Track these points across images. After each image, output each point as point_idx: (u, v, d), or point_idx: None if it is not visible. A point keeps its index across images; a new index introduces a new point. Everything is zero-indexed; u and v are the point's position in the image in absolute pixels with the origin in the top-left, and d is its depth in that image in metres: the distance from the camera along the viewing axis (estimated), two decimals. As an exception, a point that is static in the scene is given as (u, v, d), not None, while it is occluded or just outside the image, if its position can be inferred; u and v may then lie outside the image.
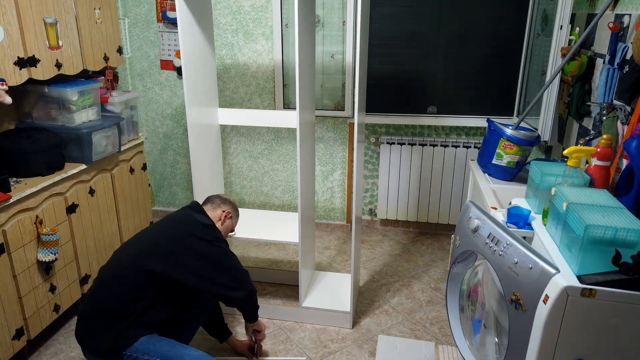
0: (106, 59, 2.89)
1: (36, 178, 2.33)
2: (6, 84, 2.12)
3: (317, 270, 3.09)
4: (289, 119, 2.64)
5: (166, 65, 3.55)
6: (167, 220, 2.07)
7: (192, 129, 2.45)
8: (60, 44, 2.48)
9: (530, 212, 1.75)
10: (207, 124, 2.62)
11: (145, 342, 1.84)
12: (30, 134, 2.44)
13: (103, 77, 2.87)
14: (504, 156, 2.41)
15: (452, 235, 2.12)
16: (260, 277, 3.03)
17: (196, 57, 2.45)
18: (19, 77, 2.24)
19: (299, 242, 2.50)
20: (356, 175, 2.41)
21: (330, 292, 2.76)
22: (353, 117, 3.41)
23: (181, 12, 2.26)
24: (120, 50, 3.03)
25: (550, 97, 2.60)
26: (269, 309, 2.68)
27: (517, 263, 1.43)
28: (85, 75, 2.80)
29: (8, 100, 2.12)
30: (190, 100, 2.40)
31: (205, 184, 2.64)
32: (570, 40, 2.54)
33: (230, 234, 2.30)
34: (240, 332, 2.55)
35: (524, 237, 1.68)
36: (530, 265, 1.38)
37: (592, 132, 2.33)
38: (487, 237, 1.61)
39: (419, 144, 3.39)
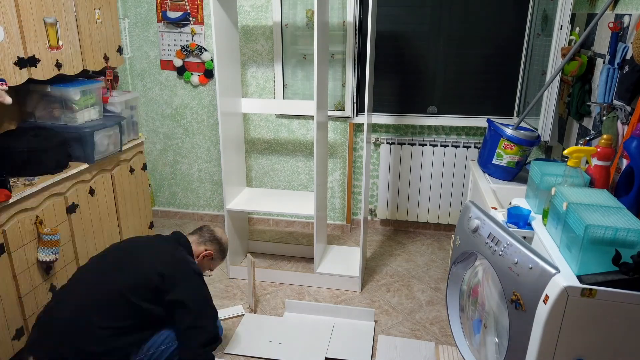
0: (106, 59, 2.89)
1: (45, 176, 2.33)
2: (6, 84, 2.12)
3: (328, 245, 3.35)
4: (307, 107, 3.02)
5: (166, 65, 3.55)
6: (148, 250, 1.98)
7: (222, 117, 2.81)
8: (60, 44, 2.48)
9: (530, 212, 1.75)
10: (233, 112, 2.98)
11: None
12: (36, 132, 2.43)
13: (103, 77, 2.87)
14: (504, 156, 2.41)
15: (452, 235, 2.12)
16: (276, 251, 3.37)
17: (226, 52, 2.82)
18: (19, 77, 2.24)
19: (315, 215, 2.83)
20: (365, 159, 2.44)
21: (341, 261, 3.09)
22: (353, 117, 3.42)
23: (215, 11, 2.62)
24: (120, 50, 3.03)
25: (550, 97, 2.60)
26: (285, 275, 2.99)
27: (517, 263, 1.43)
28: (85, 76, 2.80)
29: (8, 100, 2.12)
30: (221, 91, 2.78)
31: (232, 164, 3.02)
32: (570, 40, 2.54)
33: (205, 273, 2.17)
34: None
35: (524, 237, 1.68)
36: (530, 265, 1.38)
37: (592, 132, 2.33)
38: (487, 237, 1.61)
39: (419, 144, 3.39)
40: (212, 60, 3.44)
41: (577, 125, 2.54)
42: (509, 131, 2.39)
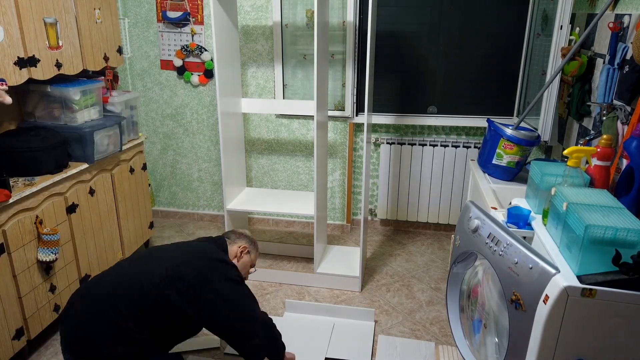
0: (106, 58, 2.89)
1: (45, 176, 2.33)
2: (6, 84, 2.12)
3: (328, 245, 3.35)
4: (307, 107, 3.04)
5: (166, 65, 3.55)
6: (185, 249, 1.96)
7: (222, 117, 2.82)
8: (60, 44, 2.48)
9: (530, 212, 1.75)
10: (233, 112, 3.00)
11: None
12: (37, 132, 2.43)
13: (103, 77, 2.87)
14: (504, 156, 2.41)
15: (452, 235, 2.12)
16: (276, 251, 3.36)
17: (226, 52, 2.83)
18: (18, 77, 2.24)
19: (315, 215, 2.83)
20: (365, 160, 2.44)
21: (341, 261, 3.08)
22: (353, 117, 3.42)
23: (215, 11, 2.64)
24: (120, 50, 3.03)
25: (550, 97, 2.60)
26: (285, 275, 3.00)
27: (517, 263, 1.43)
28: (85, 75, 2.80)
29: (8, 100, 2.11)
30: (221, 91, 2.79)
31: (232, 164, 3.03)
32: (570, 40, 2.54)
33: (250, 270, 2.19)
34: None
35: (524, 237, 1.68)
36: (530, 265, 1.38)
37: (592, 132, 2.33)
38: (487, 237, 1.61)
39: (419, 144, 3.39)
40: (212, 60, 3.44)
41: (577, 125, 2.54)
42: (509, 131, 2.39)
